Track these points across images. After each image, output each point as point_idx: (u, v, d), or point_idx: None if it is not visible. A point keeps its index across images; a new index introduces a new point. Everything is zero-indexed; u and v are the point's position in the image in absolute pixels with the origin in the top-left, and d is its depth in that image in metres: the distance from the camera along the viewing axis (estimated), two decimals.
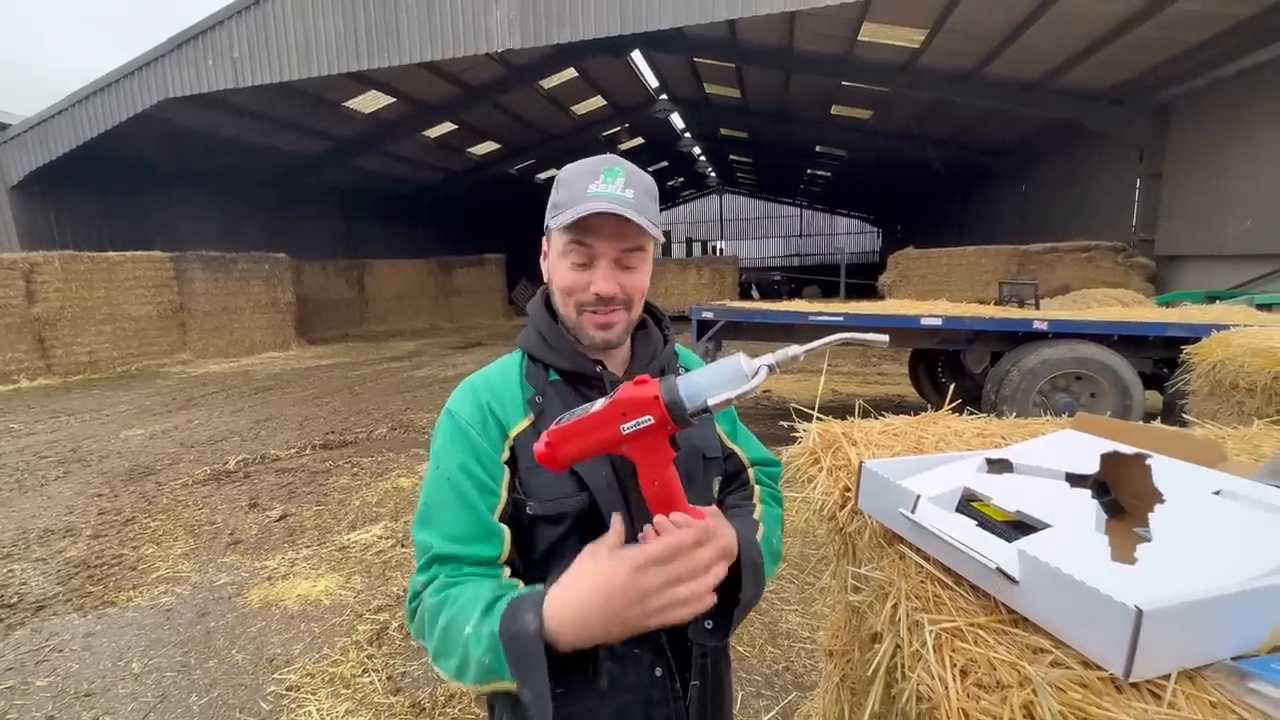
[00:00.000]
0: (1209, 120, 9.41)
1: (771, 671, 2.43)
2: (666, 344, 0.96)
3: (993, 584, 0.68)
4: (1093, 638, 0.57)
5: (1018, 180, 16.07)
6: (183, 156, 13.60)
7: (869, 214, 33.36)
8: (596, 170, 0.82)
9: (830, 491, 1.14)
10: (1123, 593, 0.54)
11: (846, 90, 13.83)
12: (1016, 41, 9.72)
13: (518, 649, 0.67)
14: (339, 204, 19.11)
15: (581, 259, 0.82)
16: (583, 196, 0.79)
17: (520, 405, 0.86)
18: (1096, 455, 0.88)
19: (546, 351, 0.89)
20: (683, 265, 17.04)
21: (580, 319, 0.85)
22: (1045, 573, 0.61)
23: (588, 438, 0.69)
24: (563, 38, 9.20)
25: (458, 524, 0.79)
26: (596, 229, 0.80)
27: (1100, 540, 0.68)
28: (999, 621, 0.67)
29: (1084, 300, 8.61)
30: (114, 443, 6.25)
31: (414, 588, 0.80)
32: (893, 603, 0.78)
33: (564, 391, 0.88)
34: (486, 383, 0.88)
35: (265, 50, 10.11)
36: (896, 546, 0.83)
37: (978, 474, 0.90)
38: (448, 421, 0.85)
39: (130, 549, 3.77)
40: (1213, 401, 2.93)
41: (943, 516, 0.78)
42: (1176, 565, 0.63)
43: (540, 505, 0.81)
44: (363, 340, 15.81)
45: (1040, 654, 0.61)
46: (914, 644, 0.72)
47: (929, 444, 1.28)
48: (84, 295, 10.69)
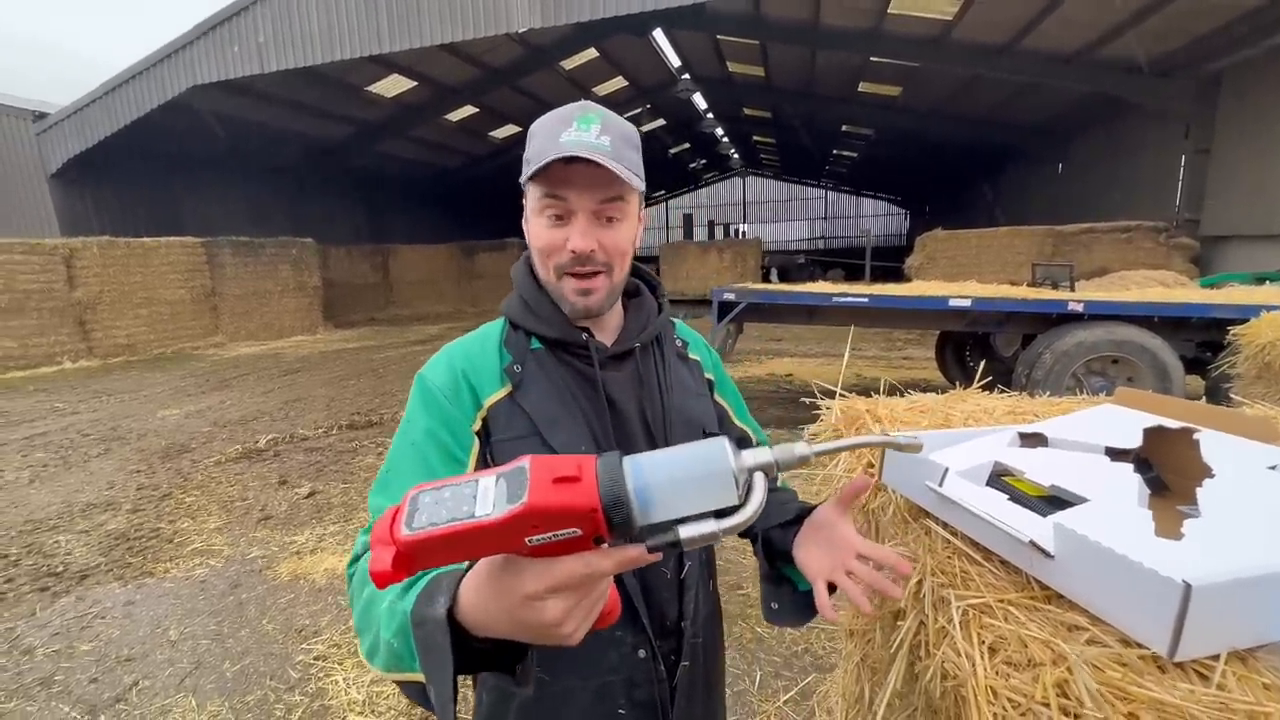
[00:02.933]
0: (1263, 91, 8.89)
1: (790, 653, 2.42)
2: (660, 312, 0.90)
3: (1025, 559, 0.65)
4: (1135, 615, 0.54)
5: (1053, 159, 15.46)
6: (211, 143, 13.86)
7: (896, 195, 32.52)
8: (569, 118, 0.75)
9: (853, 468, 1.11)
10: (1169, 568, 0.51)
11: (875, 66, 13.40)
12: (1056, 11, 9.28)
13: (424, 635, 0.52)
14: (363, 188, 19.31)
15: (557, 212, 0.77)
16: (554, 146, 0.73)
17: (497, 373, 0.81)
18: (1138, 430, 0.84)
19: (529, 318, 0.83)
20: (704, 248, 16.87)
21: (560, 284, 0.80)
22: (1084, 546, 0.58)
23: (463, 550, 0.43)
24: (583, 16, 9.07)
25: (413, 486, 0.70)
26: (570, 179, 0.74)
27: (1143, 516, 0.64)
28: (1031, 598, 0.64)
29: (1123, 282, 8.29)
30: (151, 422, 6.47)
31: (356, 550, 0.72)
32: (917, 579, 0.75)
33: (546, 361, 0.82)
34: (463, 350, 0.84)
35: (289, 35, 10.19)
36: (922, 521, 0.80)
37: (1009, 448, 0.86)
38: (419, 387, 0.81)
39: (167, 523, 3.90)
40: (1261, 384, 2.80)
41: (972, 490, 0.75)
42: (1227, 541, 0.59)
43: None
44: (387, 324, 16.05)
45: (1076, 631, 0.58)
46: (939, 620, 0.69)
47: (957, 421, 1.24)
48: (121, 280, 11.03)
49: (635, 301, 0.91)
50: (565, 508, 0.42)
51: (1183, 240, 10.24)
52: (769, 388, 7.18)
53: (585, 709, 0.78)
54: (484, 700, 0.82)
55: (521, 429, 0.78)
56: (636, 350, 0.85)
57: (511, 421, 0.78)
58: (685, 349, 0.95)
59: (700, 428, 0.87)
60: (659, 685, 0.80)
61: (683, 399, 0.87)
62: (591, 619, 0.50)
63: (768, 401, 6.45)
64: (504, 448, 0.77)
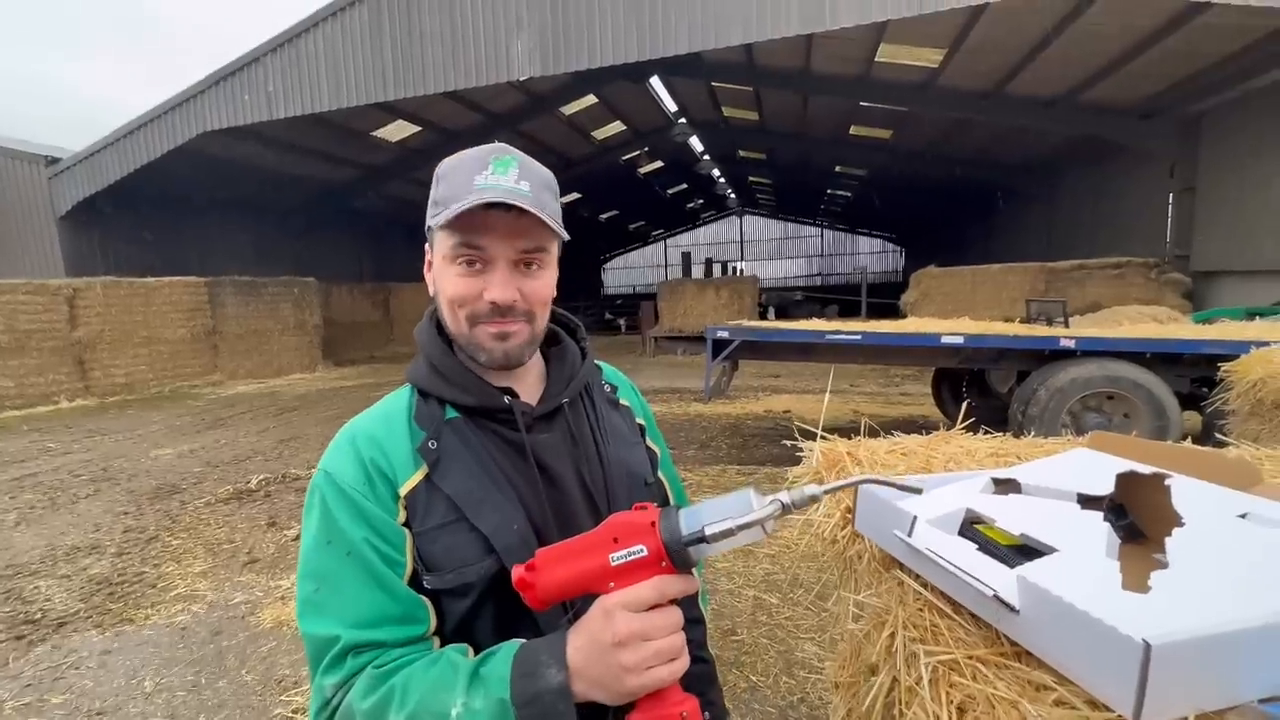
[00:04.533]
0: (1242, 132, 9.15)
1: (786, 704, 2.33)
2: (585, 359, 0.83)
3: (992, 613, 0.63)
4: (1099, 674, 0.52)
5: (1043, 197, 15.79)
6: (218, 186, 14.19)
7: (891, 234, 33.07)
8: (485, 159, 0.70)
9: (831, 513, 1.10)
10: (1130, 625, 0.49)
11: (865, 111, 13.83)
12: (1038, 58, 9.63)
13: (538, 711, 0.56)
14: (366, 229, 19.66)
15: (470, 260, 0.70)
16: (468, 189, 0.68)
17: (409, 455, 0.71)
18: (1112, 475, 0.83)
19: (440, 384, 0.74)
20: (702, 286, 17.02)
21: (474, 332, 0.73)
22: (1046, 601, 0.56)
23: (575, 562, 0.59)
24: (582, 65, 9.40)
25: (370, 604, 0.65)
26: (488, 226, 0.68)
27: (1111, 567, 0.63)
28: (1000, 654, 0.62)
29: (1116, 318, 8.34)
30: (144, 461, 6.41)
31: (321, 695, 0.64)
32: (889, 632, 0.73)
33: (464, 431, 0.73)
34: (367, 434, 0.73)
35: (298, 83, 10.55)
36: (894, 571, 0.79)
37: (982, 494, 0.84)
38: (327, 486, 0.70)
39: (152, 566, 3.82)
40: (1255, 421, 2.78)
41: (941, 540, 0.74)
42: (1195, 595, 0.57)
43: (440, 577, 0.68)
44: (387, 362, 16.08)
45: (1043, 691, 0.56)
46: (910, 677, 0.67)
47: (938, 464, 1.23)
48: (123, 319, 11.11)
49: (556, 351, 0.83)
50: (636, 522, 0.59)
51: (1174, 276, 10.36)
52: (766, 425, 7.14)
53: None
54: None
55: (443, 515, 0.69)
56: (565, 406, 0.78)
57: (431, 509, 0.69)
58: (615, 394, 0.89)
59: (641, 479, 0.83)
60: None
61: (620, 450, 0.81)
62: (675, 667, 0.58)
63: (765, 439, 6.40)
64: (429, 539, 0.69)
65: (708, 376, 5.55)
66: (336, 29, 10.31)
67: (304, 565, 0.69)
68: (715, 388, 5.82)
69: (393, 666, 0.63)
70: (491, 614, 0.69)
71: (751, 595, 3.15)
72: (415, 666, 0.63)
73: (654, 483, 0.86)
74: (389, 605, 0.66)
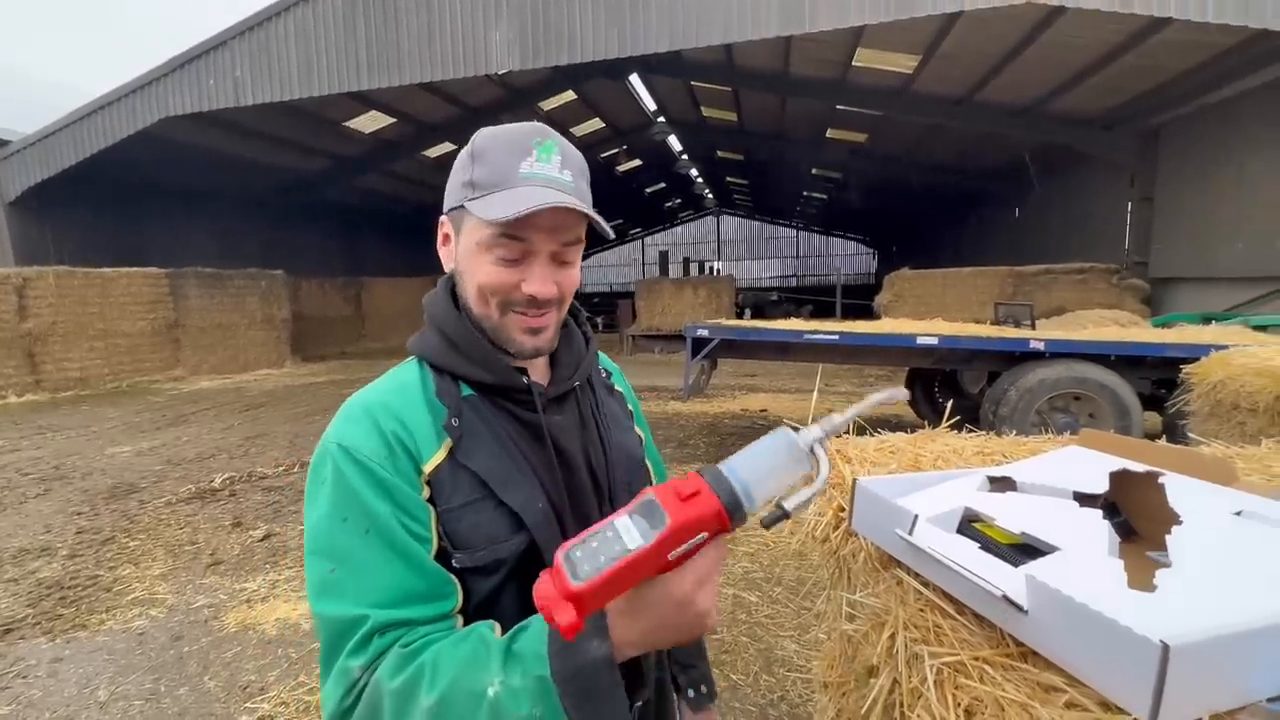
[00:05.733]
0: (1197, 145, 9.53)
1: (766, 702, 2.33)
2: (589, 346, 0.83)
3: (999, 613, 0.62)
4: (1113, 676, 0.51)
5: (1012, 203, 16.22)
6: (182, 173, 13.66)
7: (865, 236, 33.63)
8: (527, 144, 0.68)
9: (823, 512, 1.08)
10: (1145, 626, 0.49)
11: (841, 114, 14.01)
12: (1007, 68, 9.88)
13: (582, 686, 0.54)
14: (338, 222, 19.19)
15: (512, 255, 0.68)
16: (514, 178, 0.66)
17: (431, 432, 0.68)
18: (1105, 473, 0.83)
19: (458, 361, 0.72)
20: (679, 285, 17.06)
21: (504, 320, 0.71)
22: (1057, 601, 0.55)
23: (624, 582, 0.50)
24: (561, 60, 9.31)
25: (396, 582, 0.62)
26: (532, 221, 0.66)
27: (1114, 566, 0.63)
28: (1006, 655, 0.61)
29: (1080, 321, 8.61)
30: (98, 460, 6.13)
31: (345, 679, 0.59)
32: (890, 632, 0.72)
33: (484, 409, 0.71)
34: (384, 406, 0.69)
35: (267, 70, 10.21)
36: (893, 571, 0.77)
37: (979, 493, 0.84)
38: (342, 459, 0.65)
39: (107, 570, 3.65)
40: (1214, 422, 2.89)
41: (943, 538, 0.73)
42: (1201, 594, 0.57)
43: (470, 556, 0.66)
44: (359, 358, 15.73)
45: (1054, 693, 0.55)
46: (913, 679, 0.65)
47: (926, 462, 1.23)
48: (77, 311, 10.62)
49: (564, 334, 0.81)
50: (699, 517, 0.51)
51: (1134, 282, 10.74)
52: (743, 423, 7.17)
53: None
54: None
55: (470, 493, 0.67)
56: (576, 389, 0.79)
57: (458, 487, 0.67)
58: (610, 379, 0.90)
59: (638, 461, 0.85)
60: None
61: (618, 434, 0.83)
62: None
63: (741, 438, 6.43)
64: (455, 517, 0.66)
65: (686, 375, 5.54)
66: (308, 14, 10.00)
67: (315, 543, 0.65)
68: (694, 386, 5.82)
69: (420, 644, 0.60)
70: (515, 590, 0.68)
71: (731, 593, 3.15)
72: (444, 644, 0.60)
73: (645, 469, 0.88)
74: (416, 582, 0.63)
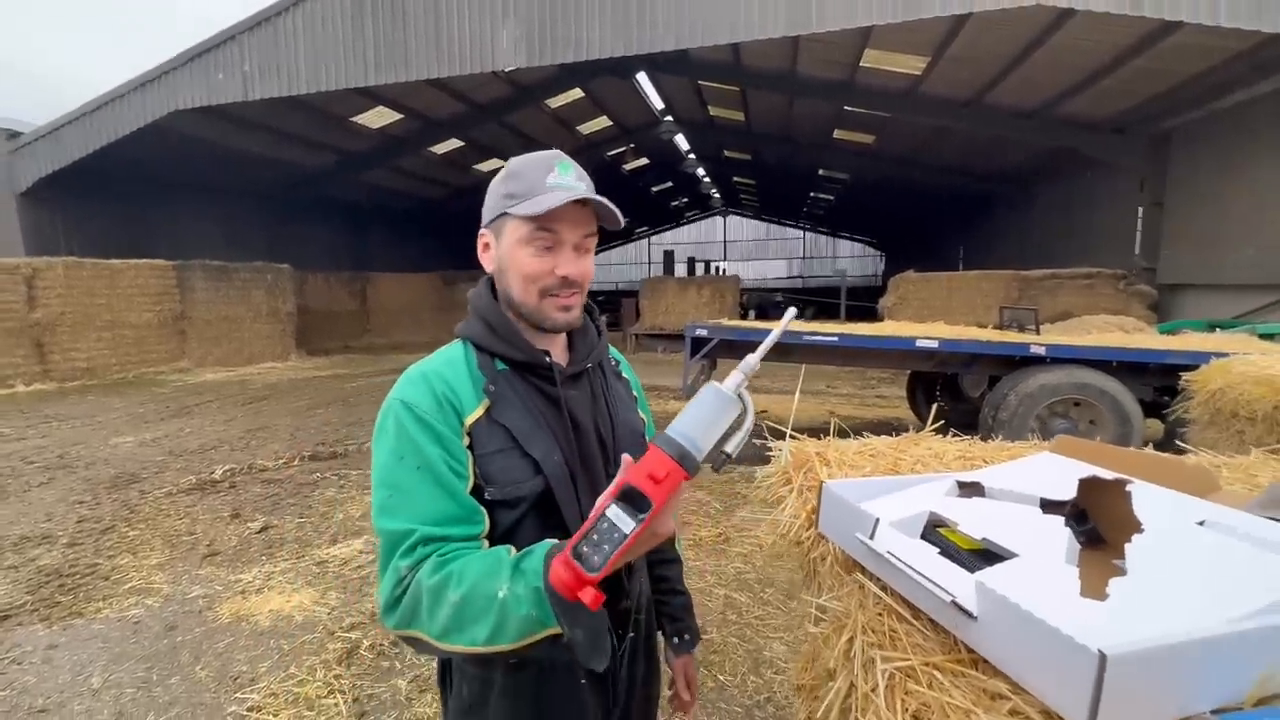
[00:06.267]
0: (1208, 151, 9.44)
1: (753, 703, 2.33)
2: (600, 336, 1.01)
3: (950, 619, 0.62)
4: (1053, 684, 0.51)
5: (1019, 206, 16.11)
6: (190, 167, 13.75)
7: (872, 238, 33.47)
8: (550, 163, 0.87)
9: (798, 514, 1.08)
10: (1086, 634, 0.48)
11: (849, 115, 13.95)
12: (1016, 70, 9.80)
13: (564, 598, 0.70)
14: (344, 217, 19.26)
15: (547, 244, 0.86)
16: (543, 186, 0.84)
17: (473, 393, 0.87)
18: (1074, 480, 0.82)
19: (496, 342, 0.90)
20: (684, 284, 17.02)
21: (542, 304, 0.88)
22: (1004, 608, 0.55)
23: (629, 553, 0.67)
24: (568, 58, 9.31)
25: (440, 507, 0.80)
26: (559, 215, 0.84)
27: (1071, 573, 0.62)
28: (958, 661, 0.61)
29: (1085, 327, 8.55)
30: (102, 449, 6.19)
31: (396, 574, 0.78)
32: (848, 636, 0.72)
33: (514, 382, 0.90)
34: (436, 373, 0.88)
35: (275, 65, 10.26)
36: (855, 575, 0.77)
37: (946, 498, 0.83)
38: (404, 413, 0.84)
39: (105, 558, 3.69)
40: (1213, 430, 2.86)
41: (903, 543, 0.72)
42: (1151, 603, 0.56)
43: (499, 490, 0.84)
44: (363, 352, 15.80)
45: (998, 700, 0.55)
46: (867, 684, 0.65)
47: (906, 466, 1.22)
48: (85, 301, 10.71)
49: (581, 325, 0.98)
50: (672, 490, 0.66)
51: (1141, 288, 10.64)
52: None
53: (554, 683, 0.90)
54: (464, 691, 0.91)
55: (501, 443, 0.85)
56: (589, 370, 0.97)
57: (492, 437, 0.85)
58: (618, 368, 1.08)
59: (640, 435, 0.99)
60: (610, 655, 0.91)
61: (623, 412, 1.00)
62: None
63: None
64: (489, 461, 0.85)
65: (685, 374, 5.54)
66: (317, 10, 10.04)
67: (379, 476, 0.83)
68: (693, 386, 5.82)
69: (452, 555, 0.78)
70: (533, 524, 0.85)
71: (723, 594, 3.15)
72: (471, 557, 0.77)
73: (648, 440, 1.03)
74: (454, 508, 0.81)
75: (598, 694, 0.93)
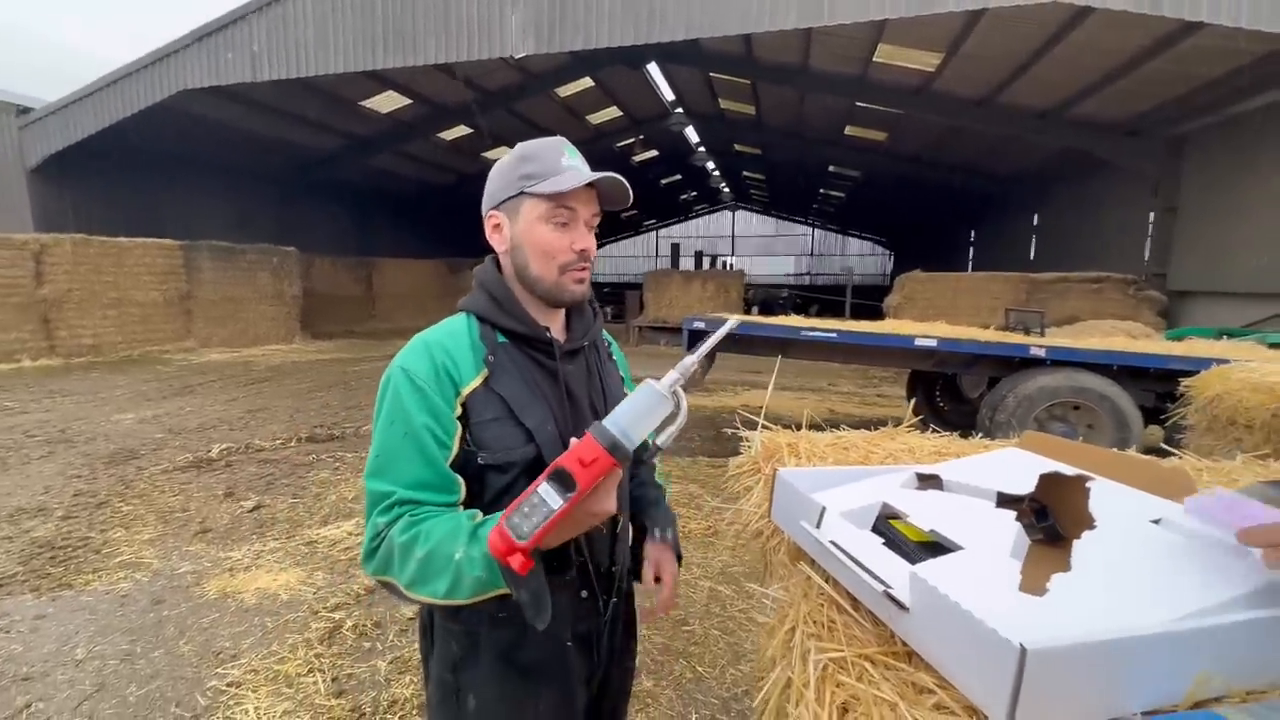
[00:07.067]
0: (1224, 156, 9.28)
1: (730, 695, 2.32)
2: (596, 317, 1.07)
3: (885, 610, 0.60)
4: (975, 679, 0.49)
5: (1030, 208, 15.93)
6: (198, 147, 13.79)
7: (881, 236, 33.22)
8: (560, 148, 0.94)
9: (761, 504, 1.06)
10: (1010, 628, 0.46)
11: (861, 111, 13.81)
12: (1031, 70, 9.66)
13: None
14: (351, 201, 19.28)
15: (564, 221, 0.91)
16: (559, 167, 0.91)
17: (472, 364, 0.91)
18: (1035, 476, 0.80)
19: (499, 314, 0.94)
20: (688, 277, 16.95)
21: (561, 278, 0.94)
22: (935, 599, 0.53)
23: (556, 528, 0.72)
24: (577, 45, 9.25)
25: (419, 474, 0.86)
26: (576, 194, 0.91)
27: (1013, 567, 0.60)
28: (891, 654, 0.59)
29: (1090, 331, 8.46)
30: (103, 425, 6.24)
31: (374, 528, 0.85)
32: (789, 626, 0.70)
33: (514, 354, 0.94)
34: (439, 342, 0.92)
35: (283, 45, 10.24)
36: (800, 565, 0.75)
37: (902, 489, 0.81)
38: (403, 379, 0.89)
39: (98, 532, 3.71)
40: (1210, 436, 2.81)
41: (849, 533, 0.70)
42: (1090, 600, 0.54)
43: (491, 455, 0.89)
44: (366, 337, 15.85)
45: (924, 694, 0.53)
46: (801, 676, 0.63)
47: (878, 459, 1.20)
48: (92, 279, 10.78)
49: (579, 306, 1.04)
50: (598, 472, 0.71)
51: (1150, 293, 10.51)
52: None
53: (541, 643, 0.93)
54: (453, 648, 0.95)
55: (497, 412, 0.90)
56: (585, 347, 1.02)
57: (488, 406, 0.90)
58: (609, 349, 1.14)
59: None
60: (596, 619, 0.99)
61: (614, 388, 1.06)
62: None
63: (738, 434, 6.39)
64: (483, 428, 0.89)
65: None
66: None
67: (375, 436, 0.90)
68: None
69: (423, 517, 0.84)
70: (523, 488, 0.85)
71: (708, 586, 3.14)
72: (438, 520, 0.84)
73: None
74: (431, 476, 0.87)
75: (582, 655, 0.98)
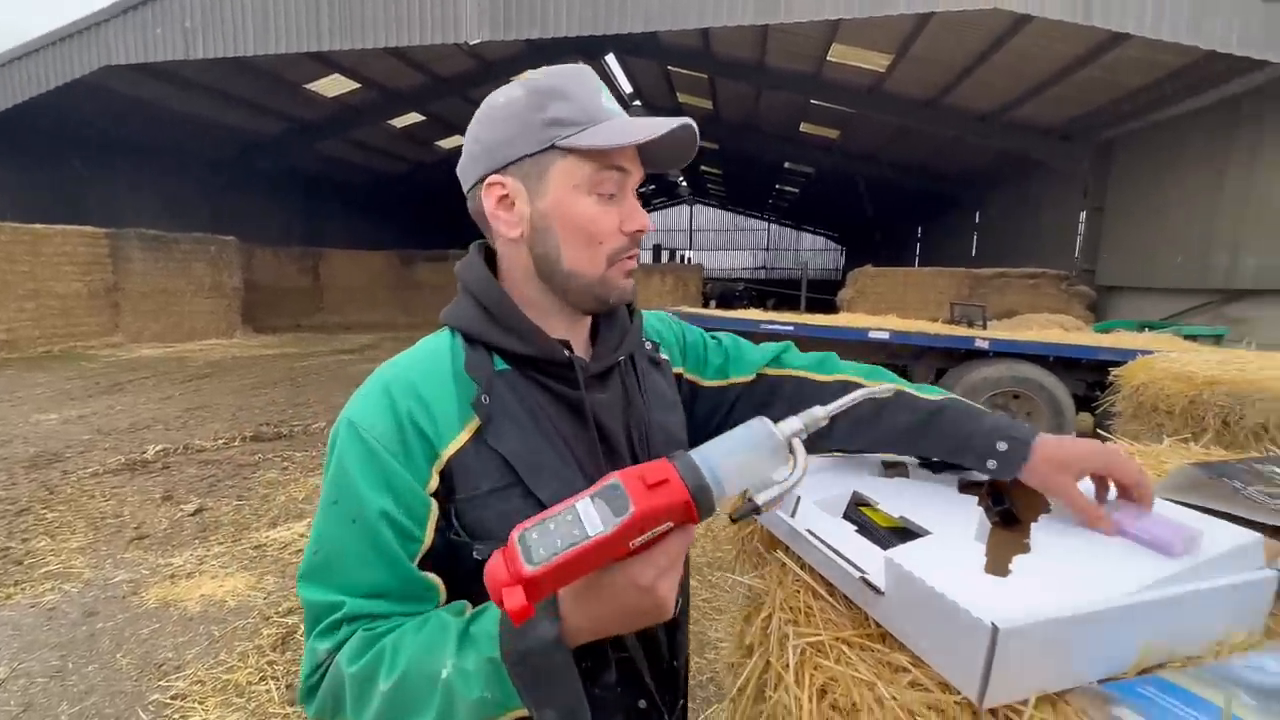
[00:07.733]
0: (1147, 160, 9.95)
1: (695, 683, 2.36)
2: (634, 319, 0.75)
3: (860, 595, 0.62)
4: (948, 657, 0.52)
5: (972, 207, 16.68)
6: (126, 128, 12.90)
7: (833, 232, 34.18)
8: (595, 82, 0.65)
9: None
10: (981, 608, 0.49)
11: (815, 109, 14.12)
12: (974, 73, 10.09)
13: (533, 668, 0.52)
14: (296, 188, 18.44)
15: (611, 190, 0.65)
16: (603, 112, 0.63)
17: (455, 411, 0.63)
18: None
19: (495, 332, 0.66)
20: (647, 271, 17.02)
21: (609, 272, 0.67)
22: (909, 583, 0.56)
23: (581, 568, 0.47)
24: (534, 34, 9.09)
25: (376, 579, 0.60)
26: (628, 153, 0.65)
27: (978, 551, 0.63)
28: (866, 636, 0.61)
29: (1028, 324, 8.93)
30: (21, 426, 5.80)
31: (314, 658, 0.59)
32: (766, 613, 0.72)
33: (517, 384, 0.66)
34: (406, 382, 0.64)
35: (220, 22, 9.67)
36: (776, 553, 0.77)
37: (871, 477, 0.84)
38: (352, 440, 0.62)
39: (19, 541, 3.46)
40: (1136, 423, 3.02)
41: (823, 521, 0.73)
42: (1049, 580, 0.58)
43: (489, 547, 0.55)
44: (314, 331, 15.24)
45: (900, 673, 0.55)
46: (780, 660, 0.65)
47: None
48: (4, 269, 9.96)
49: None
50: (665, 506, 0.47)
51: (1081, 289, 11.19)
52: None
53: None
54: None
55: (497, 479, 0.62)
56: (620, 364, 0.73)
57: (482, 471, 0.62)
58: (656, 350, 0.81)
59: (679, 444, 0.76)
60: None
61: (663, 415, 0.76)
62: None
63: None
64: (475, 505, 0.62)
65: None
66: None
67: (320, 525, 0.63)
68: None
69: (384, 629, 0.59)
70: None
71: None
72: (406, 628, 0.58)
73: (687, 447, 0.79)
74: (389, 581, 0.60)
75: None
